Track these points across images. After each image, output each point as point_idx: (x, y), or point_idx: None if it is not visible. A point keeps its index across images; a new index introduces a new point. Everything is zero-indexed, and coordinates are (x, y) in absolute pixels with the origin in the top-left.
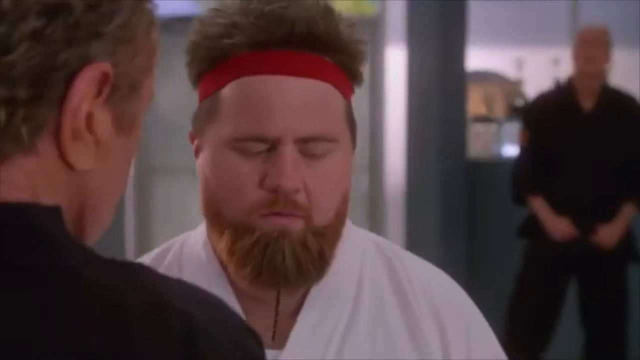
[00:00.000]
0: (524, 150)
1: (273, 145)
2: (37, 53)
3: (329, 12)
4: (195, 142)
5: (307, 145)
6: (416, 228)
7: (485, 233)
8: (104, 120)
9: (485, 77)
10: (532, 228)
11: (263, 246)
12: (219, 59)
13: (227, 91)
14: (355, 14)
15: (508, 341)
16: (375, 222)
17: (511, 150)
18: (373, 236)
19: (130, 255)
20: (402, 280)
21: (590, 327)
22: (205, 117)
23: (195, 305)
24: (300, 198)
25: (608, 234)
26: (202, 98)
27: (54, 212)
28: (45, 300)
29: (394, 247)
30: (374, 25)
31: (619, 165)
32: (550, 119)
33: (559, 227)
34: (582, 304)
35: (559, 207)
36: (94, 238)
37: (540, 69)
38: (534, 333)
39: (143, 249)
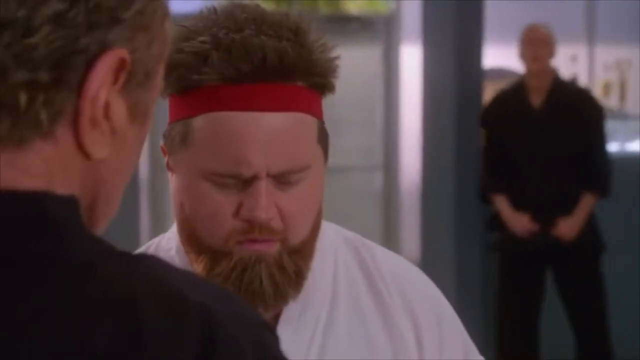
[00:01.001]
0: (484, 149)
1: (248, 180)
2: (58, 36)
3: (300, 33)
4: (167, 157)
5: (280, 178)
6: (431, 226)
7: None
8: (119, 109)
9: (501, 75)
10: (498, 224)
11: (241, 271)
12: (189, 88)
13: (200, 122)
14: (370, 12)
15: (499, 338)
16: (390, 221)
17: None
18: (342, 230)
19: None
20: (373, 273)
21: (572, 320)
22: (178, 141)
23: (212, 298)
24: (275, 224)
25: (568, 227)
26: (173, 119)
27: (70, 201)
28: (57, 292)
29: (363, 240)
30: (389, 24)
31: (573, 158)
32: (504, 118)
33: (519, 223)
34: (561, 297)
35: (520, 204)
36: (103, 227)
37: (557, 66)
38: (520, 329)
39: None
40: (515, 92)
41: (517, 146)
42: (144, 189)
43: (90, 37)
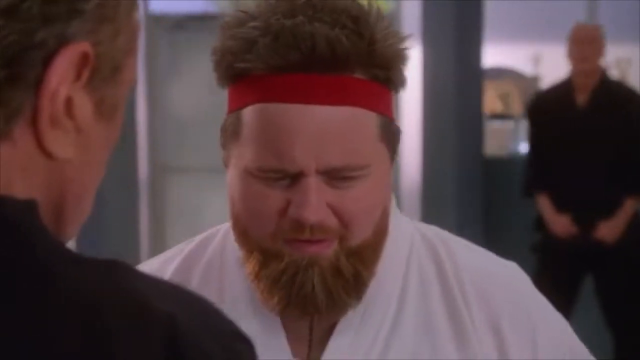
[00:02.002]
0: (529, 147)
1: (295, 176)
2: (12, 31)
3: (361, 21)
4: (224, 152)
5: (332, 175)
6: None
7: (502, 230)
8: (84, 105)
9: (501, 74)
10: (541, 224)
11: (292, 274)
12: (239, 76)
13: (248, 115)
14: None
15: None
16: None
17: (528, 147)
18: (421, 226)
19: (144, 255)
20: (450, 278)
21: (616, 326)
22: (230, 134)
23: (182, 308)
24: (330, 223)
25: (608, 230)
26: (229, 110)
27: (30, 206)
28: (18, 302)
29: (445, 237)
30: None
31: (616, 160)
32: (549, 116)
33: (559, 223)
34: (604, 302)
35: (561, 204)
36: (74, 232)
37: (558, 65)
38: None
39: (158, 249)
40: (560, 91)
41: (560, 145)
42: (143, 189)
43: (47, 30)
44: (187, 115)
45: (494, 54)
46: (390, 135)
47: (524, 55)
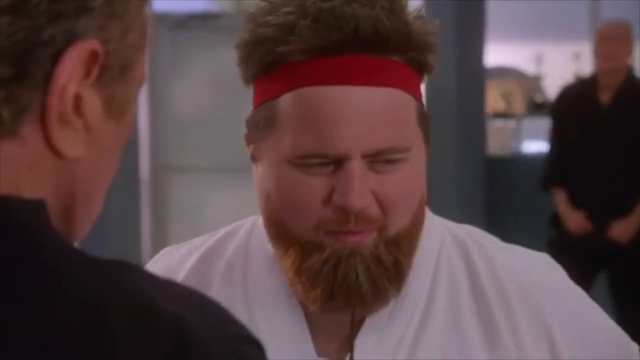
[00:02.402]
0: (550, 141)
1: (339, 161)
2: (20, 27)
3: (395, 3)
4: (251, 147)
5: (376, 158)
6: None
7: (504, 230)
8: (93, 103)
9: (503, 73)
10: (557, 220)
11: (333, 265)
12: (274, 64)
13: (285, 101)
14: None
15: None
16: None
17: (530, 146)
18: (452, 225)
19: (146, 254)
20: (483, 282)
21: (629, 324)
22: (262, 126)
23: (190, 309)
24: (373, 211)
25: (621, 229)
26: (258, 103)
27: (38, 206)
28: (23, 301)
29: (478, 237)
30: None
31: (635, 159)
32: (570, 112)
33: (573, 220)
34: (617, 299)
35: (577, 201)
36: (84, 231)
37: (561, 64)
38: None
39: (159, 248)
40: (584, 87)
41: (580, 142)
42: (145, 189)
43: (55, 27)
44: (188, 115)
45: (496, 53)
46: (425, 121)
47: (526, 54)
